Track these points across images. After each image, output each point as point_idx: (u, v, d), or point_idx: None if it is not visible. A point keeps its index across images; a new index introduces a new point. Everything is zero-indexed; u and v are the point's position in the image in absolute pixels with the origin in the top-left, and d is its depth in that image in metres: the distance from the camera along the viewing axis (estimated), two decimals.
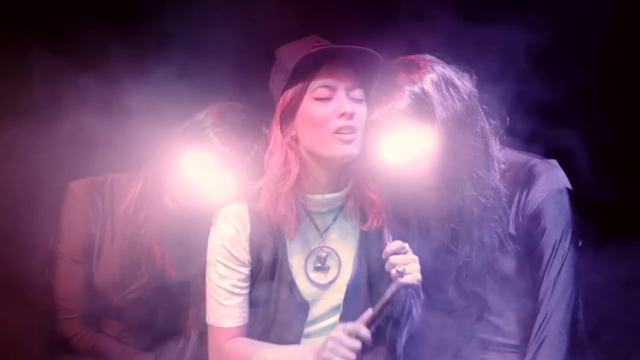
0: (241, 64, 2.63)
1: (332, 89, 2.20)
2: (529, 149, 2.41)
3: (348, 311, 2.32)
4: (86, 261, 2.51)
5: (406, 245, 2.20)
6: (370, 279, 2.34)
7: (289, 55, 2.22)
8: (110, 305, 2.51)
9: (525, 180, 2.28)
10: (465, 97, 2.26)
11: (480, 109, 2.30)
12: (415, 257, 2.20)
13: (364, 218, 2.33)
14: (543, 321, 2.24)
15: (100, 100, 2.55)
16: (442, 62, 2.33)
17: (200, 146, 2.35)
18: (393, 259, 2.18)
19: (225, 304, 2.30)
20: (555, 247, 2.26)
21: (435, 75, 2.26)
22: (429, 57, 2.33)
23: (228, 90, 2.53)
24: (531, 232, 2.27)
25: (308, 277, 2.31)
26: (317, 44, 2.21)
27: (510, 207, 2.28)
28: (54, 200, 2.55)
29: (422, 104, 2.22)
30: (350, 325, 2.14)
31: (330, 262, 2.33)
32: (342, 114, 2.19)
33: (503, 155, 2.32)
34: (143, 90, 2.51)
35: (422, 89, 2.23)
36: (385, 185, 2.32)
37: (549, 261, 2.25)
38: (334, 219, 2.34)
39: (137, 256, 2.48)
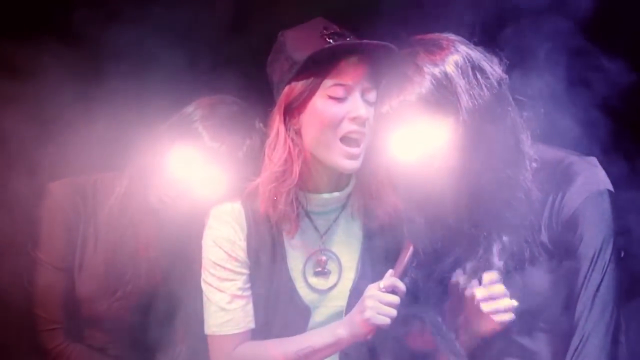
0: (233, 54, 2.52)
1: (348, 88, 2.05)
2: (565, 146, 2.17)
3: None
4: (67, 268, 2.37)
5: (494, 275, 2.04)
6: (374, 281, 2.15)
7: (296, 43, 2.07)
8: (94, 314, 2.38)
9: (560, 181, 2.03)
10: (495, 84, 2.04)
11: (511, 99, 2.07)
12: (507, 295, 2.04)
13: (370, 218, 2.17)
14: (579, 344, 2.00)
15: (79, 97, 2.44)
16: (468, 42, 2.09)
17: (188, 141, 2.22)
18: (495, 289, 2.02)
19: (228, 308, 2.15)
20: (594, 259, 2.01)
21: (460, 58, 2.03)
22: (452, 36, 2.10)
23: (218, 83, 2.39)
24: (566, 241, 2.02)
25: (307, 282, 2.17)
26: (325, 31, 2.05)
27: (542, 212, 2.04)
28: (32, 202, 2.42)
29: (444, 91, 2.00)
30: (385, 281, 2.02)
31: (331, 267, 2.18)
32: (356, 118, 2.04)
33: (535, 151, 2.08)
34: (127, 85, 2.41)
35: (445, 73, 2.01)
36: (396, 187, 2.13)
37: (586, 275, 2.00)
38: (335, 220, 2.19)
39: (122, 261, 2.35)
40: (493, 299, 2.02)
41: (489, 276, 2.03)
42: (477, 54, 2.06)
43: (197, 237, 2.22)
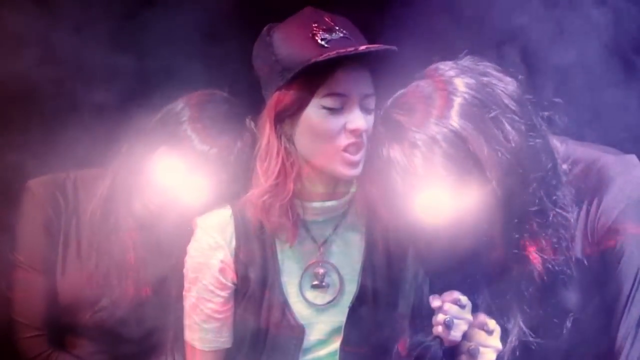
0: (221, 48, 2.38)
1: (345, 97, 1.89)
2: (600, 142, 1.94)
3: (350, 335, 2.05)
4: (48, 270, 2.25)
5: (466, 300, 1.86)
6: (377, 299, 2.05)
7: (285, 45, 1.91)
8: (79, 322, 2.26)
9: (595, 185, 1.78)
10: (519, 113, 1.77)
11: (539, 121, 1.81)
12: (470, 319, 1.86)
13: (372, 228, 2.03)
14: None
15: (61, 92, 2.32)
16: (467, 68, 1.82)
17: (175, 144, 2.09)
18: (448, 307, 1.86)
19: (203, 326, 2.05)
20: (638, 277, 1.75)
21: (464, 105, 1.76)
22: (447, 69, 1.82)
23: (208, 76, 2.27)
24: (605, 256, 1.77)
25: (304, 296, 2.03)
26: (316, 29, 1.88)
27: (576, 222, 1.80)
28: (11, 201, 2.29)
29: (460, 151, 1.74)
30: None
31: (330, 280, 2.05)
32: (354, 130, 1.89)
33: (565, 149, 1.84)
34: (112, 79, 2.30)
35: (452, 132, 1.74)
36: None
37: (629, 296, 1.75)
38: (335, 229, 2.05)
39: (107, 268, 2.23)
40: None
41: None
42: (483, 91, 1.79)
43: (185, 245, 2.10)
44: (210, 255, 2.02)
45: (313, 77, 1.88)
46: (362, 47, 1.85)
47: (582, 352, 1.84)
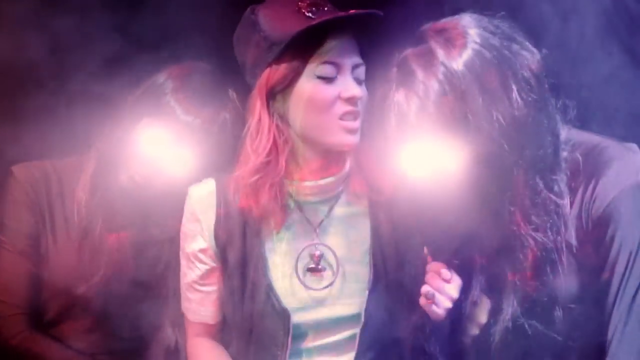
0: (202, 21, 2.37)
1: (338, 66, 1.89)
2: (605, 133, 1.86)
3: (370, 322, 1.99)
4: (32, 252, 2.24)
5: (455, 277, 1.84)
6: (389, 279, 2.00)
7: (272, 21, 1.90)
8: (70, 302, 2.24)
9: (592, 169, 1.73)
10: (528, 83, 1.71)
11: (552, 103, 1.77)
12: (453, 296, 1.84)
13: (376, 192, 1.98)
14: None
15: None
16: (492, 26, 1.76)
17: (159, 115, 2.09)
18: (431, 277, 1.85)
19: (187, 295, 2.07)
20: (630, 262, 1.69)
21: (479, 54, 1.71)
22: (472, 21, 1.76)
23: (189, 50, 2.26)
24: (598, 241, 1.72)
25: (300, 279, 1.98)
26: (301, 2, 1.88)
27: (571, 207, 1.75)
28: None
29: (460, 99, 1.70)
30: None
31: (326, 263, 1.99)
32: (350, 98, 1.89)
33: (566, 134, 1.79)
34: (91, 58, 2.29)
35: (458, 75, 1.70)
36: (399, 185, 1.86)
37: (621, 281, 1.70)
38: (330, 210, 2.00)
39: (95, 246, 2.22)
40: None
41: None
42: (505, 49, 1.73)
43: (173, 218, 2.09)
44: (189, 226, 2.02)
45: (304, 48, 1.87)
46: (351, 12, 1.85)
47: (574, 336, 1.79)
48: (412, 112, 1.71)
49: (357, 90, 1.88)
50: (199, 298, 2.05)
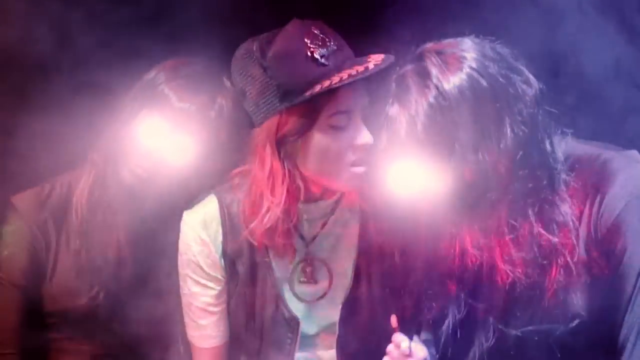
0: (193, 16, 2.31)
1: (350, 113, 1.88)
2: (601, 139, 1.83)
3: (346, 331, 2.02)
4: (28, 286, 2.16)
5: (407, 346, 1.86)
6: (373, 293, 2.02)
7: (282, 67, 1.85)
8: (71, 312, 2.17)
9: (596, 182, 1.70)
10: (527, 119, 1.67)
11: (543, 123, 1.72)
12: None
13: (362, 222, 2.02)
14: None
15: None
16: (492, 51, 1.71)
17: (155, 106, 2.06)
18: (391, 349, 1.89)
19: (200, 323, 2.04)
20: None
21: (474, 78, 1.67)
22: (472, 43, 1.72)
23: (179, 45, 2.21)
24: (608, 253, 1.69)
25: (294, 292, 2.02)
26: (311, 46, 1.85)
27: (579, 222, 1.71)
28: None
29: (445, 121, 1.66)
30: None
31: (319, 275, 2.02)
32: (363, 145, 1.88)
33: (565, 148, 1.75)
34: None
35: (449, 96, 1.65)
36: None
37: (632, 293, 1.65)
38: (323, 226, 2.02)
39: (98, 253, 2.16)
40: None
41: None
42: (503, 72, 1.68)
43: (179, 215, 2.05)
44: (196, 251, 2.00)
45: (317, 98, 1.84)
46: (371, 67, 1.83)
47: (585, 349, 1.74)
48: (402, 129, 1.68)
49: (369, 137, 1.86)
50: (215, 320, 2.04)
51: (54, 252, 2.16)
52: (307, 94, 1.82)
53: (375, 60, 1.84)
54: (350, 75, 1.81)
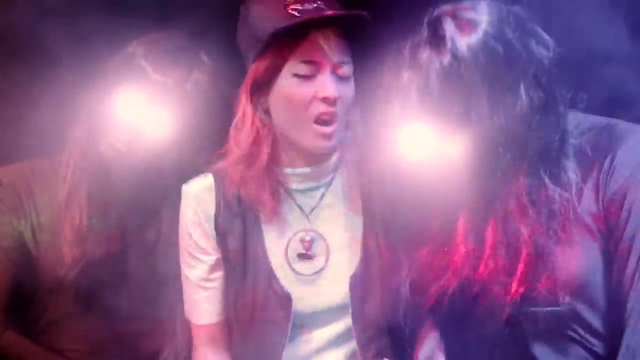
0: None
1: (316, 64, 1.88)
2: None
3: (359, 310, 1.97)
4: (17, 256, 2.17)
5: None
6: (383, 269, 1.97)
7: (258, 15, 1.91)
8: (60, 285, 2.16)
9: (606, 145, 1.67)
10: (543, 83, 1.65)
11: (558, 96, 1.69)
12: None
13: (364, 194, 1.99)
14: (628, 353, 1.60)
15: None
16: (508, 15, 1.68)
17: (131, 79, 2.08)
18: None
19: (194, 297, 2.02)
20: None
21: (492, 38, 1.64)
22: (484, 6, 1.68)
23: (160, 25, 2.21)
24: (615, 217, 1.63)
25: (290, 266, 1.98)
26: (290, 0, 1.86)
27: (585, 183, 1.67)
28: None
29: (458, 79, 1.63)
30: None
31: (317, 249, 1.98)
32: (325, 98, 1.88)
33: (574, 120, 1.72)
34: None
35: (463, 55, 1.63)
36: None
37: (638, 263, 1.60)
38: (322, 197, 2.00)
39: (84, 226, 2.16)
40: None
41: None
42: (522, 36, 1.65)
43: (160, 188, 2.09)
44: (189, 223, 2.00)
45: (284, 46, 1.87)
46: (326, 13, 1.84)
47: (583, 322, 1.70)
48: (415, 94, 1.66)
49: (332, 90, 1.86)
50: (208, 295, 2.01)
51: (36, 224, 2.16)
52: (265, 37, 1.84)
53: (335, 12, 1.85)
54: (297, 22, 1.82)
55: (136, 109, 2.05)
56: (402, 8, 1.91)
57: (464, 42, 1.62)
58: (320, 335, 1.98)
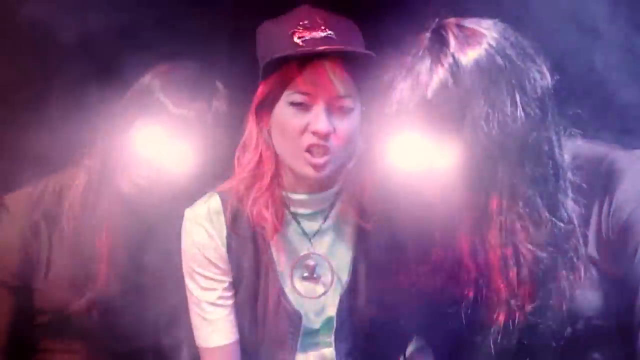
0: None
1: (311, 96, 1.88)
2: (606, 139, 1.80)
3: (342, 327, 2.01)
4: (21, 285, 2.14)
5: None
6: (370, 288, 2.01)
7: (267, 40, 1.93)
8: (66, 318, 2.14)
9: (605, 182, 1.66)
10: (539, 105, 1.64)
11: (558, 128, 1.69)
12: None
13: (364, 217, 2.00)
14: None
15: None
16: (512, 37, 1.69)
17: (151, 114, 2.06)
18: None
19: (210, 319, 2.00)
20: None
21: (492, 56, 1.64)
22: (494, 25, 1.69)
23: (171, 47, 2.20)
24: (621, 253, 1.63)
25: (295, 288, 2.00)
26: (300, 27, 1.87)
27: (588, 221, 1.67)
28: None
29: (458, 96, 1.63)
30: None
31: (321, 272, 2.01)
32: (315, 132, 1.88)
33: (572, 148, 1.71)
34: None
35: (464, 71, 1.63)
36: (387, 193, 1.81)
37: None
38: (324, 221, 2.02)
39: (91, 257, 2.13)
40: None
41: None
42: (521, 57, 1.66)
43: (178, 222, 2.04)
44: (203, 245, 1.98)
45: (286, 73, 1.88)
46: (321, 48, 1.84)
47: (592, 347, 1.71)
48: (412, 101, 1.65)
49: (323, 125, 1.85)
50: (225, 315, 1.99)
51: (46, 252, 2.13)
52: (262, 64, 1.87)
53: (351, 47, 1.84)
54: (297, 52, 1.83)
55: (157, 143, 2.03)
56: (405, 17, 1.88)
57: (467, 51, 1.62)
58: (328, 352, 2.01)
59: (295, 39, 1.86)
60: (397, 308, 1.84)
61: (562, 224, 1.64)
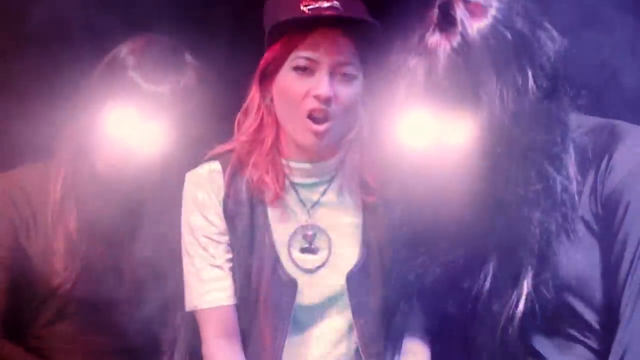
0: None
1: (315, 61, 1.93)
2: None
3: (358, 305, 1.99)
4: (14, 264, 2.16)
5: None
6: (383, 264, 1.99)
7: (274, 7, 1.98)
8: (61, 296, 2.16)
9: (604, 145, 1.67)
10: (549, 73, 1.66)
11: (567, 95, 1.70)
12: None
13: (366, 189, 2.02)
14: (622, 351, 1.60)
15: None
16: (519, 7, 1.70)
17: (123, 93, 2.06)
18: None
19: (206, 278, 1.98)
20: None
21: (502, 26, 1.65)
22: None
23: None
24: (610, 216, 1.64)
25: (292, 259, 2.00)
26: None
27: (584, 181, 1.68)
28: None
29: (467, 70, 1.64)
30: None
31: (319, 244, 2.01)
32: (317, 96, 1.91)
33: (577, 121, 1.73)
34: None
35: (474, 44, 1.64)
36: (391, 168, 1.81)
37: (632, 261, 1.60)
38: (323, 193, 2.03)
39: (79, 240, 2.15)
40: None
41: None
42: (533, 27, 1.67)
43: (158, 197, 2.09)
44: (202, 204, 2.01)
45: (291, 40, 1.92)
46: (326, 13, 1.88)
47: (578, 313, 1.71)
48: (421, 79, 1.66)
49: (325, 89, 1.89)
50: (221, 274, 1.98)
51: (33, 234, 2.15)
52: (267, 29, 1.92)
53: (354, 15, 1.89)
54: (295, 18, 1.88)
55: (129, 122, 2.04)
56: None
57: (474, 26, 1.63)
58: (319, 331, 2.00)
59: (302, 7, 1.90)
60: (410, 286, 1.82)
61: (566, 183, 1.65)
